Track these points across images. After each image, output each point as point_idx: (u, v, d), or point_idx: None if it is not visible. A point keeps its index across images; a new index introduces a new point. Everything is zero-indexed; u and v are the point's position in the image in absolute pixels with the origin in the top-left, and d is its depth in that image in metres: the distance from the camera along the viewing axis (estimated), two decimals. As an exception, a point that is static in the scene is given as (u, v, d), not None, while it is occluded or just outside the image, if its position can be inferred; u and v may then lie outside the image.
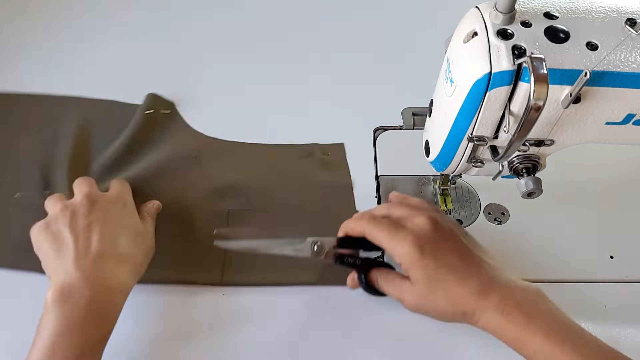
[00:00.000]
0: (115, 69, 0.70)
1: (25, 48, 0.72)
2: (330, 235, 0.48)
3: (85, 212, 0.47)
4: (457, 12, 0.43)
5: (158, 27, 0.76)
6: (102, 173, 0.59)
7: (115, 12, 0.77)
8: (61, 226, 0.46)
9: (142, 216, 0.52)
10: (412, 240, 0.42)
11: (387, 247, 0.44)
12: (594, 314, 0.51)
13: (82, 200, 0.48)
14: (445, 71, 0.43)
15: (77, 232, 0.46)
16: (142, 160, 0.60)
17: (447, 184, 0.58)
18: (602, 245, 0.56)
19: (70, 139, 0.61)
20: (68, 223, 0.46)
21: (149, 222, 0.52)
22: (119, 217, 0.49)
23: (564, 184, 0.59)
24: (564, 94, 0.38)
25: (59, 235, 0.46)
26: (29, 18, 0.76)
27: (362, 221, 0.45)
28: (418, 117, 0.65)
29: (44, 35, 0.73)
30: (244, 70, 0.71)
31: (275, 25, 0.77)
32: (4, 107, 0.65)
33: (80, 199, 0.48)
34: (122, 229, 0.48)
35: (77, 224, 0.46)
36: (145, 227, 0.51)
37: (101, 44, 0.73)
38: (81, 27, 0.75)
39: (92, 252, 0.45)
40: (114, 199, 0.50)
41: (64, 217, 0.47)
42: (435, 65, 0.47)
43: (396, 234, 0.43)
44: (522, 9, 0.40)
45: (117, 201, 0.50)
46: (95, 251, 0.45)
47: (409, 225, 0.44)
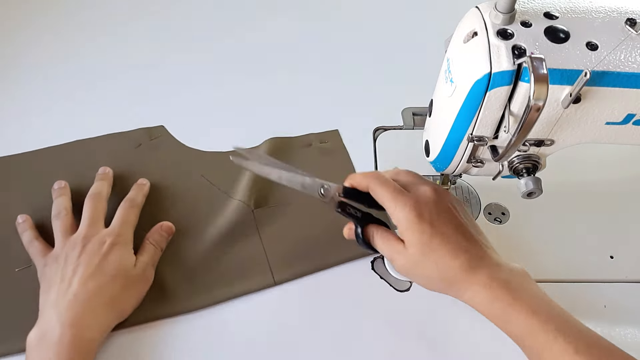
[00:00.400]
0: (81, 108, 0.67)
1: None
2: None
3: (76, 254, 0.48)
4: (457, 12, 0.43)
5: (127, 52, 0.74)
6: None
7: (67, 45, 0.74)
8: (53, 268, 0.48)
9: (144, 248, 0.52)
10: (412, 204, 0.43)
11: (388, 207, 0.45)
12: (594, 314, 0.51)
13: (76, 240, 0.49)
14: (445, 71, 0.43)
15: (63, 274, 0.47)
16: (151, 194, 0.58)
17: (447, 184, 0.58)
18: (602, 245, 0.56)
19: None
20: (60, 266, 0.48)
21: (149, 254, 0.51)
22: (108, 260, 0.48)
23: (564, 184, 0.59)
24: (564, 94, 0.38)
25: (50, 276, 0.48)
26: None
27: (369, 177, 0.46)
28: (418, 117, 0.65)
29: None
30: (238, 74, 0.71)
31: (275, 26, 0.77)
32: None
33: (75, 239, 0.49)
34: (108, 271, 0.48)
35: (66, 266, 0.48)
36: (139, 265, 0.50)
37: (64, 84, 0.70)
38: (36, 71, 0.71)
39: (70, 293, 0.46)
40: (108, 240, 0.49)
41: (57, 260, 0.49)
42: (435, 65, 0.47)
43: (399, 195, 0.44)
44: (522, 9, 0.40)
45: (112, 242, 0.49)
46: (72, 292, 0.46)
47: (413, 190, 0.45)
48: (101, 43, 0.75)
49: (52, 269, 0.48)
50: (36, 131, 0.64)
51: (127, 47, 0.75)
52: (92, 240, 0.49)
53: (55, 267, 0.48)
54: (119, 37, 0.76)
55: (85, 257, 0.48)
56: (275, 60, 0.73)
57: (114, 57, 0.73)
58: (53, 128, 0.64)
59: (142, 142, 0.63)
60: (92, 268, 0.47)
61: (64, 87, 0.70)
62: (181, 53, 0.74)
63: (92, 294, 0.46)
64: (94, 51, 0.74)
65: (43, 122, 0.66)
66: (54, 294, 0.46)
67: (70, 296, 0.45)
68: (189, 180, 0.60)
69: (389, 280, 0.53)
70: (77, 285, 0.46)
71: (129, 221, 0.52)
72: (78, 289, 0.46)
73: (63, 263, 0.48)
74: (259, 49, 0.74)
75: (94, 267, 0.47)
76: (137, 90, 0.69)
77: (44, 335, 0.44)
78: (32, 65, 0.72)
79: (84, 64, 0.72)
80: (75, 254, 0.48)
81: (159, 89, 0.69)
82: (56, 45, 0.75)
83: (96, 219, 0.51)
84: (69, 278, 0.47)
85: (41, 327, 0.44)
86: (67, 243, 0.49)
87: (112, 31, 0.77)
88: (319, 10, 0.79)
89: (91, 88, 0.70)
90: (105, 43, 0.75)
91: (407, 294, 0.52)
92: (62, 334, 0.43)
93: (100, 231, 0.50)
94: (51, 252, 0.50)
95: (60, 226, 0.51)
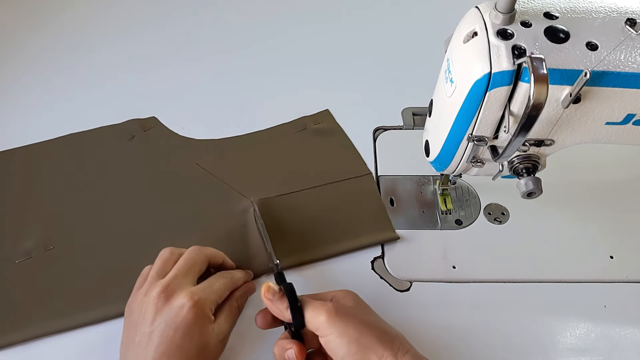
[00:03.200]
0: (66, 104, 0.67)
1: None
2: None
3: (153, 315, 0.44)
4: (457, 12, 0.43)
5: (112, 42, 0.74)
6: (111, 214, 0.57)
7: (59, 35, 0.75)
8: (135, 317, 0.45)
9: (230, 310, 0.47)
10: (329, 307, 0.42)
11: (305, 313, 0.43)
12: (594, 314, 0.51)
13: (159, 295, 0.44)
14: (445, 71, 0.43)
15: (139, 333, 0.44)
16: (148, 186, 0.59)
17: (447, 184, 0.58)
18: (602, 245, 0.56)
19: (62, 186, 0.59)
20: (137, 317, 0.45)
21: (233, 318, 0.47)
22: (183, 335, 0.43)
23: (564, 184, 0.59)
24: (564, 94, 0.38)
25: (130, 326, 0.45)
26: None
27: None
28: (418, 117, 0.65)
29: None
30: (239, 71, 0.71)
31: (274, 26, 0.77)
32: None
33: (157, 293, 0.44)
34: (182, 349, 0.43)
35: (142, 323, 0.44)
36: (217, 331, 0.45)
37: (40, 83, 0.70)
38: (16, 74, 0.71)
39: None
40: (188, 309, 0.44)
41: (140, 308, 0.45)
42: (435, 65, 0.47)
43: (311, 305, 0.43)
44: (522, 9, 0.40)
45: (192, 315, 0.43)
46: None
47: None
48: (92, 37, 0.76)
49: (134, 315, 0.45)
50: (25, 127, 0.65)
51: (114, 39, 0.75)
52: (171, 301, 0.44)
53: (137, 315, 0.45)
54: (108, 30, 0.77)
55: (161, 324, 0.43)
56: (274, 60, 0.73)
57: (102, 51, 0.74)
58: (43, 123, 0.65)
59: (136, 133, 0.64)
60: (166, 342, 0.43)
61: (52, 83, 0.70)
62: (172, 44, 0.74)
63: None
64: (83, 45, 0.75)
65: (34, 117, 0.66)
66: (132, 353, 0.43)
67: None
68: (185, 169, 0.60)
69: (389, 281, 0.53)
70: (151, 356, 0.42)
71: (216, 289, 0.46)
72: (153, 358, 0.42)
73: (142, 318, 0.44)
74: (258, 47, 0.74)
75: (168, 340, 0.43)
76: (125, 82, 0.70)
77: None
78: (24, 59, 0.72)
79: (74, 58, 0.73)
80: (152, 313, 0.44)
81: (147, 80, 0.70)
82: (46, 40, 0.75)
83: (188, 271, 0.46)
84: (145, 344, 0.43)
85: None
86: (151, 288, 0.45)
87: (102, 24, 0.77)
88: (318, 10, 0.79)
89: (80, 82, 0.70)
90: (94, 36, 0.76)
91: (407, 294, 0.52)
92: None
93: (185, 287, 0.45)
94: (139, 290, 0.46)
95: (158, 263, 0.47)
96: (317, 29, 0.77)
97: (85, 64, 0.72)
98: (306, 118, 0.65)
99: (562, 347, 0.49)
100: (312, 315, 0.42)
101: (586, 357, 0.49)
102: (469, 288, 0.53)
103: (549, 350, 0.49)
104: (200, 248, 0.49)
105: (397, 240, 0.55)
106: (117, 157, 0.61)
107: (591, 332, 0.50)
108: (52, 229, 0.56)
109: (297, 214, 0.57)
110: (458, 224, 0.57)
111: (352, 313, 0.42)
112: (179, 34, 0.75)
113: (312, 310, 0.42)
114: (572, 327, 0.51)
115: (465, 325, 0.50)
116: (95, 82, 0.70)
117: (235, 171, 0.60)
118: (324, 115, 0.66)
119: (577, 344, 0.49)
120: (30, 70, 0.71)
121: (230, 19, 0.78)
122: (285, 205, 0.57)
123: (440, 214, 0.58)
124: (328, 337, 0.41)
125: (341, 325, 0.41)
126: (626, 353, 0.49)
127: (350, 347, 0.40)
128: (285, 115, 0.66)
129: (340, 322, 0.41)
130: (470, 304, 0.52)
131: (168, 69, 0.71)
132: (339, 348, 0.40)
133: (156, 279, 0.46)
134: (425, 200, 0.59)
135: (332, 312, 0.41)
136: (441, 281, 0.53)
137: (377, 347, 0.40)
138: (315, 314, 0.42)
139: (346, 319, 0.41)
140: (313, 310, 0.42)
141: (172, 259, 0.48)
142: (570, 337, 0.50)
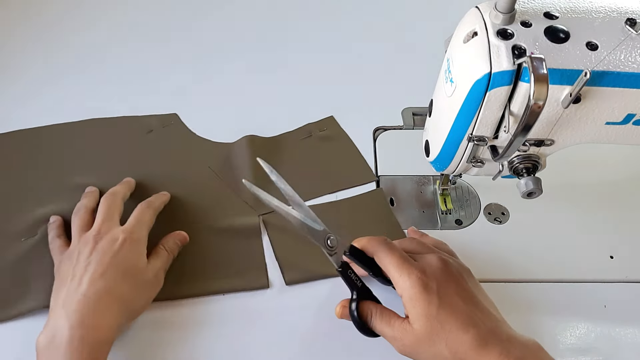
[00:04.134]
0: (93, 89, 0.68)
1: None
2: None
3: (88, 251, 0.47)
4: (457, 12, 0.43)
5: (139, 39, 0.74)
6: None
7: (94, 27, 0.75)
8: (67, 265, 0.47)
9: (157, 252, 0.51)
10: (418, 274, 0.41)
11: (392, 275, 0.43)
12: (594, 314, 0.51)
13: (89, 237, 0.48)
14: (445, 71, 0.43)
15: (74, 272, 0.46)
16: (157, 181, 0.59)
17: (447, 184, 0.58)
18: (602, 245, 0.56)
19: (74, 167, 0.60)
20: (72, 263, 0.47)
21: (161, 259, 0.50)
22: (119, 257, 0.47)
23: (564, 184, 0.59)
24: (564, 94, 0.38)
25: (62, 274, 0.47)
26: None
27: (375, 242, 0.45)
28: (418, 117, 0.65)
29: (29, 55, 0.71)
30: (240, 71, 0.71)
31: (275, 27, 0.77)
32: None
33: (88, 235, 0.48)
34: (120, 270, 0.46)
35: (78, 264, 0.46)
36: (151, 267, 0.49)
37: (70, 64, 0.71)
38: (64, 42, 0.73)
39: (79, 292, 0.44)
40: (121, 236, 0.48)
41: (71, 257, 0.48)
42: (435, 65, 0.47)
43: (405, 264, 0.42)
44: (522, 9, 0.40)
45: (124, 238, 0.48)
46: (82, 292, 0.44)
47: (420, 259, 0.44)
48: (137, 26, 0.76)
49: (66, 266, 0.47)
50: (51, 107, 0.66)
51: (154, 33, 0.76)
52: (104, 237, 0.48)
53: (68, 264, 0.47)
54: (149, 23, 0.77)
55: (97, 255, 0.47)
56: (274, 61, 0.72)
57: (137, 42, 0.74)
58: (73, 107, 0.66)
59: (154, 128, 0.64)
60: (102, 266, 0.46)
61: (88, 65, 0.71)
62: (203, 45, 0.74)
63: (102, 293, 0.45)
64: (122, 35, 0.75)
65: (67, 100, 0.67)
66: (63, 293, 0.45)
67: (80, 296, 0.44)
68: (196, 170, 0.60)
69: None
70: (86, 284, 0.45)
71: (144, 221, 0.51)
72: (87, 288, 0.44)
73: (75, 261, 0.47)
74: (258, 50, 0.74)
75: (105, 266, 0.46)
76: (155, 76, 0.70)
77: (53, 338, 0.42)
78: (63, 42, 0.74)
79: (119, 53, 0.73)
80: (87, 251, 0.47)
81: (176, 76, 0.70)
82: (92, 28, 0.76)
83: (110, 216, 0.50)
84: (80, 276, 0.45)
85: (50, 329, 0.43)
86: (81, 240, 0.49)
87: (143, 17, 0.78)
88: (318, 10, 0.79)
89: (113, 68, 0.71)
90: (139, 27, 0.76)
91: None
92: (72, 335, 0.42)
93: (114, 228, 0.49)
94: (67, 250, 0.49)
95: (77, 222, 0.51)
96: (317, 29, 0.77)
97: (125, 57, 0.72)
98: (311, 125, 0.65)
99: (562, 347, 0.49)
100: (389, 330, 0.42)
101: (586, 357, 0.49)
102: (469, 288, 0.53)
103: (549, 350, 0.49)
104: (112, 193, 0.53)
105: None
106: (131, 148, 0.62)
107: (591, 332, 0.50)
108: (58, 209, 0.56)
109: None
110: (458, 224, 0.57)
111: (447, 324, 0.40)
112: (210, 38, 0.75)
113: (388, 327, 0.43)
114: (572, 327, 0.51)
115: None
116: (133, 72, 0.71)
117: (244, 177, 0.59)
118: (329, 121, 0.65)
119: (577, 344, 0.49)
120: (74, 58, 0.72)
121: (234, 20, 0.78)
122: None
123: (440, 214, 0.58)
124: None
125: (429, 349, 0.40)
126: (626, 353, 0.49)
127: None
128: (285, 115, 0.66)
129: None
130: (470, 304, 0.52)
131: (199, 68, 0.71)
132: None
133: (82, 233, 0.49)
134: (425, 200, 0.59)
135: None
136: (441, 281, 0.53)
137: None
138: None
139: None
140: None
141: (87, 212, 0.51)
142: (570, 337, 0.50)
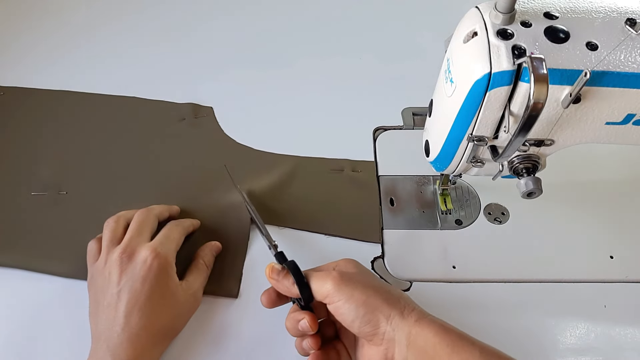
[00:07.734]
0: (142, 70, 0.70)
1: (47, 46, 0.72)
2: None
3: (117, 275, 0.45)
4: (457, 12, 0.43)
5: (194, 29, 0.76)
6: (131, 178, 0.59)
7: (148, 13, 0.77)
8: (99, 282, 0.47)
9: (197, 268, 0.50)
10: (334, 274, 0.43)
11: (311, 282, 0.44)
12: (594, 314, 0.51)
13: (116, 255, 0.46)
14: (445, 71, 0.43)
15: (109, 300, 0.45)
16: (174, 166, 0.61)
17: (447, 184, 0.58)
18: (602, 245, 0.56)
19: (93, 137, 0.63)
20: (105, 282, 0.46)
21: (202, 275, 0.50)
22: (149, 283, 0.45)
23: (564, 184, 0.59)
24: (564, 94, 0.38)
25: (96, 291, 0.47)
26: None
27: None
28: (418, 117, 0.65)
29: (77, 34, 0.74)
30: (243, 72, 0.71)
31: (274, 27, 0.77)
32: (26, 102, 0.65)
33: (115, 253, 0.47)
34: (153, 299, 0.45)
35: (109, 287, 0.45)
36: (189, 286, 0.48)
37: (133, 44, 0.74)
38: (114, 29, 0.75)
39: (117, 325, 0.44)
40: (149, 257, 0.46)
41: (103, 273, 0.47)
42: (435, 65, 0.47)
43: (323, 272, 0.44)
44: (522, 9, 0.40)
45: (153, 259, 0.46)
46: (120, 325, 0.44)
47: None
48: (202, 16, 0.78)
49: (98, 282, 0.46)
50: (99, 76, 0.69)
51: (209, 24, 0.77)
52: (132, 259, 0.46)
53: (101, 281, 0.46)
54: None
55: (127, 281, 0.45)
56: (274, 61, 0.73)
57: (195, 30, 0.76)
58: (122, 79, 0.68)
59: (187, 117, 0.65)
60: (135, 296, 0.45)
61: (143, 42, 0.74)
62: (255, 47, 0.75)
63: (139, 329, 0.44)
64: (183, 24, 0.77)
65: (109, 70, 0.70)
66: (103, 322, 0.45)
67: (119, 329, 0.44)
68: (211, 166, 0.60)
69: (389, 280, 0.53)
70: (122, 317, 0.44)
71: (172, 238, 0.49)
72: (124, 322, 0.44)
73: (107, 281, 0.46)
74: (263, 52, 0.74)
75: (137, 295, 0.45)
76: (203, 66, 0.71)
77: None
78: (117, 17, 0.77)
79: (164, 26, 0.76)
80: (116, 274, 0.45)
81: (223, 70, 0.71)
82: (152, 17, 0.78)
83: (140, 231, 0.48)
84: (114, 305, 0.45)
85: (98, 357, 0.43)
86: (109, 256, 0.47)
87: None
88: (318, 10, 0.79)
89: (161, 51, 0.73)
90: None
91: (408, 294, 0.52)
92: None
93: (142, 244, 0.47)
94: (97, 262, 0.48)
95: (107, 235, 0.49)
96: (317, 29, 0.77)
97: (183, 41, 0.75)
98: (346, 162, 0.61)
99: (562, 347, 0.49)
100: (318, 285, 0.43)
101: (586, 357, 0.49)
102: (469, 288, 0.53)
103: (549, 350, 0.49)
104: (148, 209, 0.52)
105: (396, 240, 0.55)
106: (160, 132, 0.63)
107: (591, 332, 0.50)
108: (72, 176, 0.59)
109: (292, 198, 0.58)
110: (458, 224, 0.57)
111: (356, 278, 0.43)
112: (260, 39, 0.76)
113: (317, 280, 0.43)
114: (572, 327, 0.51)
115: (465, 325, 0.50)
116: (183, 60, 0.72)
117: (254, 186, 0.58)
118: (366, 165, 0.61)
119: (577, 344, 0.49)
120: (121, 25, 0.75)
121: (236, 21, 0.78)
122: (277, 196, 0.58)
123: (440, 214, 0.58)
124: (337, 304, 0.42)
125: (348, 290, 0.42)
126: (626, 353, 0.49)
127: (359, 310, 0.41)
128: (284, 114, 0.66)
129: (346, 287, 0.42)
130: (470, 304, 0.52)
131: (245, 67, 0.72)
132: (348, 312, 0.41)
133: (111, 247, 0.48)
134: (425, 200, 0.59)
135: (338, 279, 0.42)
136: (441, 281, 0.53)
137: (384, 308, 0.41)
138: (322, 284, 0.43)
139: (352, 283, 0.42)
140: (319, 280, 0.43)
141: (120, 226, 0.50)
142: (570, 337, 0.50)
